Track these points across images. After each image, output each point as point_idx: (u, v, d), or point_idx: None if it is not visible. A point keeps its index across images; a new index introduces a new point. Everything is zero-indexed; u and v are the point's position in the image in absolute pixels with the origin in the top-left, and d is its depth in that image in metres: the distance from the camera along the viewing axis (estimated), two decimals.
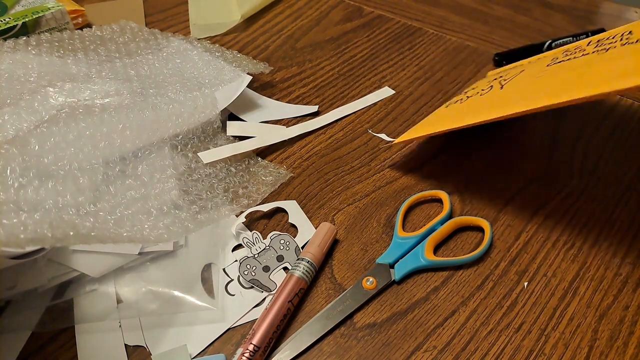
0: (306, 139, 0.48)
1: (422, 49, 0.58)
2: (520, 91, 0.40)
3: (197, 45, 0.54)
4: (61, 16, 0.57)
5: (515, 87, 0.42)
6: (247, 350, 0.31)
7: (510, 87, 0.42)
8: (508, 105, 0.39)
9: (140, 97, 0.45)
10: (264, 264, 0.37)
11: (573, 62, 0.39)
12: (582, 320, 0.34)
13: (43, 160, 0.37)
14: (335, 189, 0.43)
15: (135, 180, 0.39)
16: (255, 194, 0.42)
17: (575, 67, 0.38)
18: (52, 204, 0.34)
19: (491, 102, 0.42)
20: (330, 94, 0.52)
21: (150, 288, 0.35)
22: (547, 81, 0.39)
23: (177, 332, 0.34)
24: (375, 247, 0.39)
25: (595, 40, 0.41)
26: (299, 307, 0.35)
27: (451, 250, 0.39)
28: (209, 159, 0.43)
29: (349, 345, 0.33)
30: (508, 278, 0.37)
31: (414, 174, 0.44)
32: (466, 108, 0.44)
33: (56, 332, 0.34)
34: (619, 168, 0.44)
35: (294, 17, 0.64)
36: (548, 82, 0.39)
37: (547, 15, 0.65)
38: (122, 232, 0.34)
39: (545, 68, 0.42)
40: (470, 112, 0.42)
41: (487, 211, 0.41)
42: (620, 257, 0.38)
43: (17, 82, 0.46)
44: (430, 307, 0.35)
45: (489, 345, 0.33)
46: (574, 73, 0.38)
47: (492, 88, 0.44)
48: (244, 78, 0.49)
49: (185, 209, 0.39)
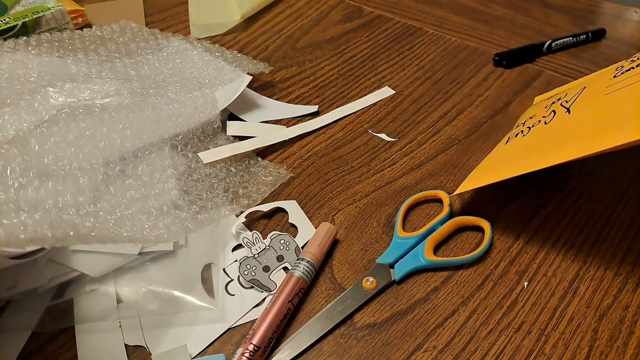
0: (306, 139, 0.48)
1: (422, 49, 0.58)
2: (598, 114, 0.34)
3: (197, 45, 0.54)
4: (61, 16, 0.57)
5: (586, 109, 0.36)
6: (247, 350, 0.31)
7: (580, 110, 0.36)
8: (595, 135, 0.32)
9: (140, 97, 0.45)
10: (264, 264, 0.37)
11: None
12: (582, 320, 0.34)
13: (43, 160, 0.37)
14: (335, 189, 0.43)
15: (135, 180, 0.39)
16: (255, 194, 0.42)
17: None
18: (52, 204, 0.34)
19: (566, 131, 0.35)
20: (330, 94, 0.52)
21: (150, 288, 0.35)
22: (626, 98, 0.33)
23: (177, 332, 0.34)
24: (375, 247, 0.39)
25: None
26: (299, 307, 0.35)
27: (451, 250, 0.39)
28: (209, 159, 0.43)
29: (349, 345, 0.33)
30: (508, 278, 0.37)
31: (414, 174, 0.44)
32: (535, 142, 0.37)
33: (56, 332, 0.34)
34: (619, 168, 0.44)
35: (294, 17, 0.64)
36: (628, 99, 0.32)
37: (547, 15, 0.65)
38: (122, 232, 0.34)
39: (613, 80, 0.36)
40: (543, 148, 0.36)
41: (487, 211, 0.41)
42: (620, 257, 0.38)
43: (17, 82, 0.46)
44: (430, 307, 0.35)
45: (489, 345, 0.33)
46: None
47: (555, 114, 0.38)
48: (244, 78, 0.49)
49: (185, 209, 0.39)
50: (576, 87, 0.42)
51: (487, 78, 0.54)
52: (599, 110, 0.35)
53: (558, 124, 0.37)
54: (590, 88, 0.39)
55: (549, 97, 0.47)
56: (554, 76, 0.54)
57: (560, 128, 0.37)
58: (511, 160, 0.39)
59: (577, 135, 0.34)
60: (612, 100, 0.34)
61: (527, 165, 0.36)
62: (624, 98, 0.33)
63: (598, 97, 0.36)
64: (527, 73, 0.55)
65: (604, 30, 0.61)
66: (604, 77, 0.39)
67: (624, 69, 0.37)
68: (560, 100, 0.41)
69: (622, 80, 0.35)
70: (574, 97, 0.39)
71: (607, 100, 0.35)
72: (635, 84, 0.33)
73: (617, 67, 0.38)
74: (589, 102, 0.37)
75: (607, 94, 0.35)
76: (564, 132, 0.36)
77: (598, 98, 0.36)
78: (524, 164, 0.36)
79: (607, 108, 0.34)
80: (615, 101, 0.34)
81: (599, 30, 0.60)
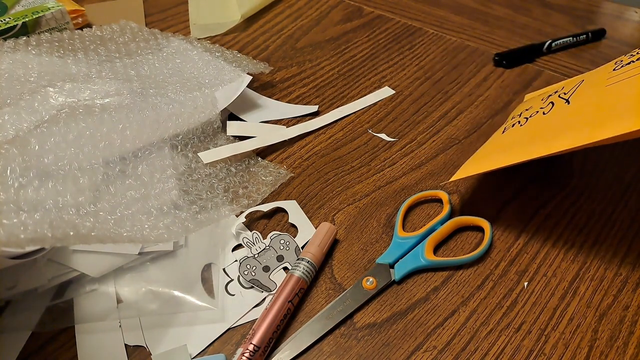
0: (306, 139, 0.48)
1: (422, 49, 0.58)
2: (599, 104, 0.34)
3: (197, 45, 0.54)
4: (61, 16, 0.57)
5: (587, 98, 0.36)
6: (247, 350, 0.31)
7: (580, 100, 0.36)
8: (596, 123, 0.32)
9: (140, 97, 0.45)
10: (264, 264, 0.37)
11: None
12: (582, 320, 0.34)
13: (43, 160, 0.37)
14: (335, 189, 0.43)
15: (135, 180, 0.39)
16: (255, 194, 0.42)
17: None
18: (52, 204, 0.34)
19: (567, 120, 0.35)
20: (330, 94, 0.52)
21: (150, 288, 0.35)
22: (627, 90, 0.33)
23: (177, 332, 0.34)
24: (375, 247, 0.39)
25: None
26: (299, 307, 0.35)
27: (451, 250, 0.39)
28: (209, 159, 0.43)
29: (349, 345, 0.33)
30: (508, 278, 0.37)
31: (414, 174, 0.44)
32: (534, 131, 0.37)
33: (56, 332, 0.34)
34: (619, 168, 0.44)
35: (294, 17, 0.64)
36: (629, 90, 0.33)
37: (547, 15, 0.65)
38: (122, 232, 0.34)
39: (612, 73, 0.36)
40: (543, 137, 0.36)
41: (487, 211, 0.41)
42: (620, 257, 0.38)
43: (17, 82, 0.46)
44: (430, 307, 0.35)
45: (489, 345, 0.33)
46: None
47: (553, 105, 0.38)
48: (244, 78, 0.49)
49: (185, 209, 0.39)
50: (572, 83, 0.41)
51: (487, 78, 0.54)
52: (599, 101, 0.35)
53: (557, 114, 0.37)
54: (589, 81, 0.38)
55: (540, 95, 0.47)
56: (554, 76, 0.54)
57: (560, 117, 0.37)
58: (509, 148, 0.38)
59: (577, 124, 0.34)
60: (612, 91, 0.34)
61: (526, 153, 0.35)
62: (624, 89, 0.33)
63: (598, 88, 0.36)
64: (527, 73, 0.55)
65: (604, 30, 0.61)
66: (603, 71, 0.39)
67: (624, 62, 0.37)
68: (557, 93, 0.41)
69: (622, 73, 0.35)
70: (572, 89, 0.39)
71: (607, 92, 0.35)
72: (636, 76, 0.34)
73: (617, 62, 0.38)
74: (589, 93, 0.37)
75: (608, 85, 0.35)
76: (564, 121, 0.36)
77: (598, 89, 0.36)
78: (523, 151, 0.36)
79: (608, 99, 0.34)
80: (615, 92, 0.34)
81: (599, 30, 0.60)
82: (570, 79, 0.47)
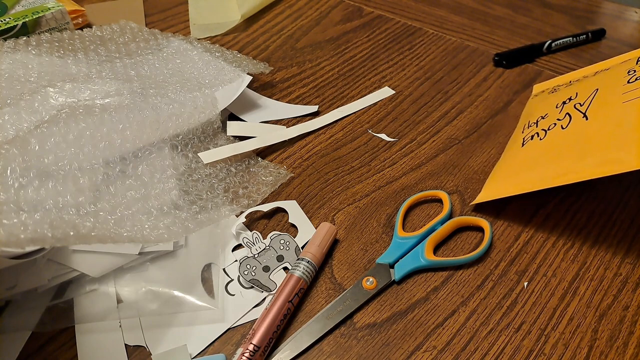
0: (306, 139, 0.48)
1: (422, 49, 0.58)
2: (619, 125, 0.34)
3: (197, 45, 0.54)
4: (61, 16, 0.57)
5: (605, 118, 0.36)
6: (247, 350, 0.31)
7: (598, 118, 0.36)
8: (625, 149, 0.33)
9: (140, 97, 0.45)
10: (264, 264, 0.37)
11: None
12: (582, 320, 0.34)
13: (43, 161, 0.37)
14: (335, 189, 0.43)
15: (136, 181, 0.39)
16: (255, 194, 0.42)
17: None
18: (52, 204, 0.34)
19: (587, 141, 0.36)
20: (330, 94, 0.52)
21: (150, 288, 0.35)
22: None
23: (177, 332, 0.34)
24: (375, 247, 0.39)
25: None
26: (299, 307, 0.35)
27: (451, 250, 0.39)
28: (209, 159, 0.43)
29: (349, 345, 0.33)
30: (508, 278, 0.37)
31: (414, 174, 0.44)
32: (556, 150, 0.38)
33: (56, 332, 0.34)
34: None
35: (294, 17, 0.64)
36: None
37: (547, 15, 0.65)
38: (122, 232, 0.34)
39: (627, 86, 0.37)
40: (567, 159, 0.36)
41: (487, 211, 0.41)
42: (620, 257, 0.38)
43: (17, 82, 0.46)
44: (430, 307, 0.35)
45: (488, 345, 0.33)
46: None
47: (571, 118, 0.39)
48: (244, 78, 0.49)
49: (186, 209, 0.39)
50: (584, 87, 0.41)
51: (487, 78, 0.54)
52: (619, 121, 0.36)
53: (576, 131, 0.38)
54: (604, 91, 0.39)
55: (548, 87, 0.47)
56: (554, 76, 0.54)
57: (579, 136, 0.37)
58: (533, 169, 0.39)
59: (600, 148, 0.35)
60: (630, 111, 0.35)
61: (553, 179, 0.37)
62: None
63: (615, 105, 0.37)
64: (527, 73, 0.55)
65: (604, 30, 0.61)
66: (616, 78, 0.39)
67: (637, 74, 0.37)
68: (572, 101, 0.41)
69: (637, 89, 0.36)
70: (587, 100, 0.39)
71: (625, 111, 0.36)
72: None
73: (629, 70, 0.39)
74: (607, 110, 0.37)
75: (625, 102, 0.36)
76: (585, 141, 0.37)
77: (616, 106, 0.37)
78: (549, 176, 0.37)
79: (627, 119, 0.35)
80: (634, 112, 0.35)
81: (599, 30, 0.60)
82: (577, 71, 0.47)
